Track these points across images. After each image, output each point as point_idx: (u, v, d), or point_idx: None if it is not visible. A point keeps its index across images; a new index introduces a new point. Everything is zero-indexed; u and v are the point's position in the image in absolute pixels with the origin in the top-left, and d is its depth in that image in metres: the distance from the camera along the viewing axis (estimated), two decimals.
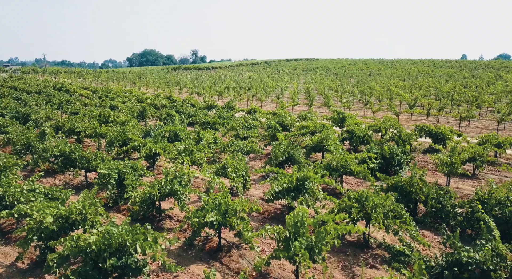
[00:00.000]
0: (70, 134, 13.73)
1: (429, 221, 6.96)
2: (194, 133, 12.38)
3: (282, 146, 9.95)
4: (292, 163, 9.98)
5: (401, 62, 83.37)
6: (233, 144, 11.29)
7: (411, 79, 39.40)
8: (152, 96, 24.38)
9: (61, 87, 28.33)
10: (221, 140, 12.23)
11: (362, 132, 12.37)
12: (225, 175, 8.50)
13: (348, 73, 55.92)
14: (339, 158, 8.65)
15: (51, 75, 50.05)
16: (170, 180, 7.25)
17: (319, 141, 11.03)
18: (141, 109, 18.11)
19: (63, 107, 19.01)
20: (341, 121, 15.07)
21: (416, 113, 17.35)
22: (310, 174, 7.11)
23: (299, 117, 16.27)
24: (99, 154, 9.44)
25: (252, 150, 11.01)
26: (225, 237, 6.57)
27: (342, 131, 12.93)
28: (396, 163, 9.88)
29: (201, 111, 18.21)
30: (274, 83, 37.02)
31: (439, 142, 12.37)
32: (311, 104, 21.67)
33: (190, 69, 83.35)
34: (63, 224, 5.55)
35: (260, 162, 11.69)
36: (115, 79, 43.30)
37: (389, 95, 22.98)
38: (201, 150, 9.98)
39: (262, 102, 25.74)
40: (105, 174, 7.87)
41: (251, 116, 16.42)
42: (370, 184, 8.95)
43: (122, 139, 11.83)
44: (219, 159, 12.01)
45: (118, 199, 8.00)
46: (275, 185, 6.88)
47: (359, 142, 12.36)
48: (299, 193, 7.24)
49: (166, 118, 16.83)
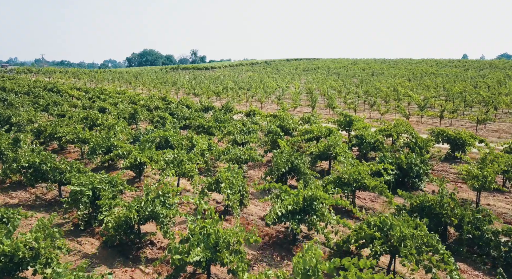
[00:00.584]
0: (51, 139, 12.53)
1: (465, 251, 5.74)
2: (186, 138, 11.17)
3: (284, 155, 8.75)
4: (295, 174, 8.77)
5: (403, 61, 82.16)
6: (230, 151, 10.08)
7: (416, 79, 38.16)
8: (146, 97, 23.17)
9: (52, 88, 27.12)
10: (217, 146, 11.03)
11: (373, 138, 11.15)
12: (219, 190, 7.29)
13: (350, 73, 54.69)
14: (351, 170, 7.44)
15: (46, 75, 48.80)
16: (152, 200, 6.05)
17: (326, 149, 9.81)
18: (132, 111, 16.90)
19: (49, 109, 17.79)
20: (348, 124, 13.86)
21: (427, 115, 16.09)
22: (319, 193, 5.90)
23: (302, 120, 15.05)
24: (75, 164, 8.23)
25: (250, 158, 9.80)
26: (216, 272, 5.37)
27: (350, 137, 11.71)
28: (414, 175, 8.66)
29: (196, 114, 16.99)
30: (274, 83, 35.80)
31: (458, 149, 11.17)
32: (314, 106, 20.44)
33: (189, 69, 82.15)
34: (6, 264, 4.33)
35: (260, 172, 10.48)
36: (110, 79, 42.06)
37: (396, 95, 21.74)
38: (192, 159, 8.76)
39: (262, 103, 24.53)
40: (76, 191, 6.66)
41: (250, 119, 15.21)
42: (387, 201, 7.75)
43: (106, 145, 10.62)
44: (214, 168, 10.80)
45: (92, 220, 6.78)
46: (278, 207, 5.67)
47: (370, 149, 11.15)
48: (306, 215, 6.04)
49: (158, 121, 15.61)
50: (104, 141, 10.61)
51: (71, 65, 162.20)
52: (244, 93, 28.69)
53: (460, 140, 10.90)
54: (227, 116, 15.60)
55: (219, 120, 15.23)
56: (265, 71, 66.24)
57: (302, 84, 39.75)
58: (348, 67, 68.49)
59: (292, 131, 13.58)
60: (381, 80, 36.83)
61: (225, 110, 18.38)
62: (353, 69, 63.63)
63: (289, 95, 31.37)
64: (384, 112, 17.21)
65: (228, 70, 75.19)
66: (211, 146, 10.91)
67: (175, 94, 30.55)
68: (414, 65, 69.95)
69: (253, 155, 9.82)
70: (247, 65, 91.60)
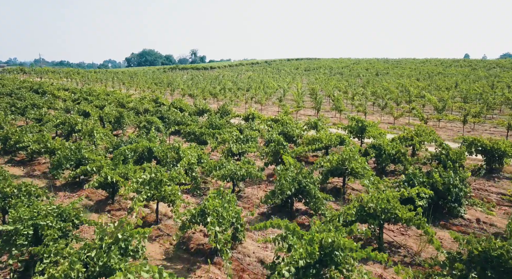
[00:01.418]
0: (18, 149, 10.79)
1: None
2: (173, 149, 9.43)
3: (290, 173, 7.01)
4: (303, 197, 7.04)
5: (406, 61, 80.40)
6: (223, 166, 8.35)
7: (425, 79, 36.34)
8: (137, 98, 21.41)
9: (38, 89, 25.39)
10: (208, 158, 9.29)
11: (394, 148, 9.40)
12: (205, 224, 5.55)
13: (353, 72, 52.87)
14: (378, 197, 5.70)
15: (38, 75, 47.02)
16: (106, 248, 4.31)
17: (340, 163, 8.07)
18: (118, 115, 15.16)
19: (26, 112, 16.05)
20: (360, 131, 12.11)
21: (448, 119, 14.29)
22: (342, 240, 4.15)
23: (307, 125, 13.29)
24: (24, 187, 6.48)
25: (248, 174, 8.07)
26: None
27: (366, 147, 9.97)
28: (453, 198, 6.91)
29: (189, 118, 15.25)
30: (275, 83, 34.02)
31: (495, 161, 9.42)
32: (319, 108, 18.68)
33: (187, 69, 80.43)
34: None
35: (260, 190, 8.73)
36: (104, 79, 40.27)
37: (408, 97, 19.95)
38: (174, 178, 7.01)
39: (262, 105, 22.77)
40: (9, 231, 4.92)
41: (248, 124, 13.46)
42: (423, 235, 6.02)
43: (76, 158, 8.88)
44: (205, 184, 9.06)
45: (31, 270, 5.04)
46: (285, 267, 3.92)
47: (389, 161, 9.40)
48: (323, 267, 4.30)
49: (146, 126, 13.86)
50: (73, 153, 8.87)
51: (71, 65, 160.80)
52: (243, 94, 26.94)
53: (499, 151, 9.15)
54: (223, 121, 13.85)
55: (214, 125, 13.49)
56: (265, 71, 64.44)
57: (304, 84, 37.98)
58: (351, 67, 66.70)
59: (296, 139, 11.85)
60: (388, 80, 35.02)
61: (221, 113, 16.63)
62: (356, 68, 61.85)
63: (291, 96, 29.62)
64: (398, 115, 15.44)
65: (227, 70, 73.40)
66: (202, 158, 9.18)
67: (170, 95, 28.81)
68: (418, 64, 68.17)
69: (252, 170, 8.09)
70: (247, 65, 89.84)
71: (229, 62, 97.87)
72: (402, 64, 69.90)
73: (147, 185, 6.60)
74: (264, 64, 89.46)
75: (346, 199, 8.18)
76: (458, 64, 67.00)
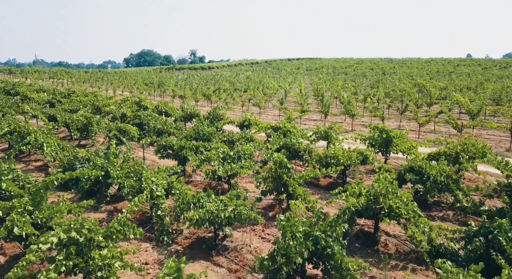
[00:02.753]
0: None
1: None
2: (134, 174, 6.77)
3: (300, 228, 4.37)
4: (322, 262, 4.41)
5: (411, 61, 77.74)
6: (201, 204, 5.71)
7: (436, 78, 33.64)
8: (118, 100, 18.74)
9: (11, 89, 22.78)
10: (182, 188, 6.63)
11: (441, 173, 6.75)
12: None
13: (358, 72, 50.18)
14: None
15: (23, 75, 44.37)
16: None
17: (372, 201, 5.42)
18: (86, 121, 12.53)
19: None
20: (385, 143, 9.46)
21: (490, 127, 11.53)
22: None
23: (316, 135, 10.66)
24: None
25: (237, 216, 5.45)
26: None
27: (401, 169, 7.32)
28: None
29: (172, 125, 12.61)
30: (275, 83, 31.32)
31: None
32: (326, 112, 16.01)
33: (184, 69, 77.83)
34: None
35: (254, 235, 6.08)
36: (92, 79, 37.59)
37: (429, 98, 17.28)
38: (118, 233, 4.36)
39: (261, 108, 20.10)
40: None
41: (242, 133, 10.80)
42: None
43: None
44: (174, 232, 6.39)
45: None
46: None
47: (436, 191, 6.75)
48: None
49: (116, 135, 11.20)
50: None
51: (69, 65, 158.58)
52: (239, 95, 24.27)
53: None
54: (212, 129, 11.18)
55: (202, 135, 10.86)
56: (265, 71, 61.73)
57: (307, 85, 35.28)
58: (355, 67, 64.00)
59: (303, 154, 9.20)
60: (399, 80, 32.32)
61: (211, 119, 13.96)
62: (360, 68, 59.17)
63: (293, 97, 26.96)
64: (424, 122, 12.76)
65: (226, 70, 70.73)
66: (173, 188, 6.54)
67: (160, 96, 26.15)
68: (424, 64, 65.53)
69: (242, 212, 5.46)
70: (246, 64, 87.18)
71: (228, 62, 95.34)
72: (408, 64, 67.26)
73: (62, 251, 3.95)
74: (264, 64, 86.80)
75: (381, 251, 5.57)
76: (465, 63, 64.32)
